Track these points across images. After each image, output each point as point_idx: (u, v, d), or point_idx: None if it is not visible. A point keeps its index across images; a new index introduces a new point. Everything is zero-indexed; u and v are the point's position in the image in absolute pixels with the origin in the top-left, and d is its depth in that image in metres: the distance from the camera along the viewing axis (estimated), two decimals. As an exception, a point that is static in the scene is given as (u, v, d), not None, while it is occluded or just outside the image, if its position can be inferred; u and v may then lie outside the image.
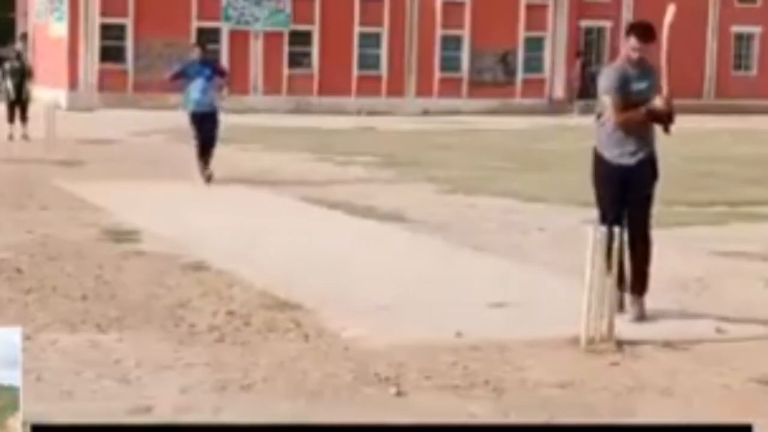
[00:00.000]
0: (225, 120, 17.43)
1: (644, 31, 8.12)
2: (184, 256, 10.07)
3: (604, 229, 7.39)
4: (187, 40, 42.09)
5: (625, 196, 8.08)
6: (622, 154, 8.07)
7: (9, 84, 24.67)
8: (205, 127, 16.65)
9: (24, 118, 24.40)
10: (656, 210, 13.50)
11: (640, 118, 8.00)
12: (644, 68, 8.10)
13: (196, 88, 16.65)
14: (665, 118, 8.05)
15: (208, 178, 16.41)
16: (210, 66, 17.28)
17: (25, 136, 24.08)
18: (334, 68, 44.08)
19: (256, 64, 43.80)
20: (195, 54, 17.27)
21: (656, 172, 8.20)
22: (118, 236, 11.20)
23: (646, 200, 8.20)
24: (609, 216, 7.95)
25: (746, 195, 16.30)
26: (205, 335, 7.26)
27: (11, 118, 24.49)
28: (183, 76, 17.03)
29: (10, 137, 24.09)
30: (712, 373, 6.70)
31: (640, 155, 8.10)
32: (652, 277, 8.21)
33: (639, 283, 8.08)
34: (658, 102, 7.99)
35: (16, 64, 25.11)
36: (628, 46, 8.10)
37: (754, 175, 19.70)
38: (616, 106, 7.98)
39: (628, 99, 8.00)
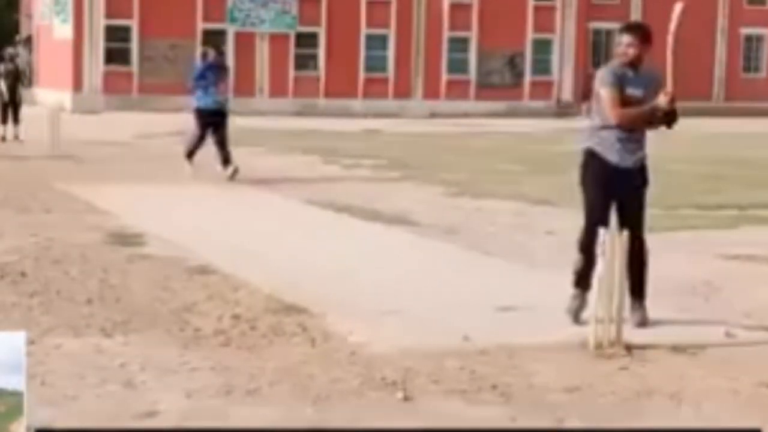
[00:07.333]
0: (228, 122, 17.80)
1: (636, 28, 8.00)
2: (190, 259, 10.05)
3: (605, 231, 7.34)
4: (192, 42, 42.27)
5: (621, 200, 7.94)
6: (621, 155, 7.86)
7: (2, 86, 24.96)
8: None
9: (16, 120, 24.87)
10: (664, 213, 13.56)
11: (643, 115, 7.75)
12: (642, 74, 7.81)
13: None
14: (668, 118, 7.87)
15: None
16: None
17: (17, 137, 24.53)
18: (341, 70, 44.13)
19: (262, 66, 43.85)
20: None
21: (648, 175, 8.06)
22: (123, 239, 11.17)
23: (642, 203, 8.05)
24: (597, 218, 7.79)
25: (756, 198, 16.25)
26: (211, 339, 7.22)
27: (4, 120, 24.82)
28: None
29: (3, 139, 24.41)
30: (722, 378, 6.66)
31: (638, 156, 7.94)
32: (660, 280, 8.15)
33: (639, 288, 7.95)
34: (662, 100, 7.78)
35: (10, 66, 25.49)
36: (622, 43, 7.88)
37: (763, 177, 19.65)
38: (615, 102, 7.70)
39: (621, 101, 7.75)
